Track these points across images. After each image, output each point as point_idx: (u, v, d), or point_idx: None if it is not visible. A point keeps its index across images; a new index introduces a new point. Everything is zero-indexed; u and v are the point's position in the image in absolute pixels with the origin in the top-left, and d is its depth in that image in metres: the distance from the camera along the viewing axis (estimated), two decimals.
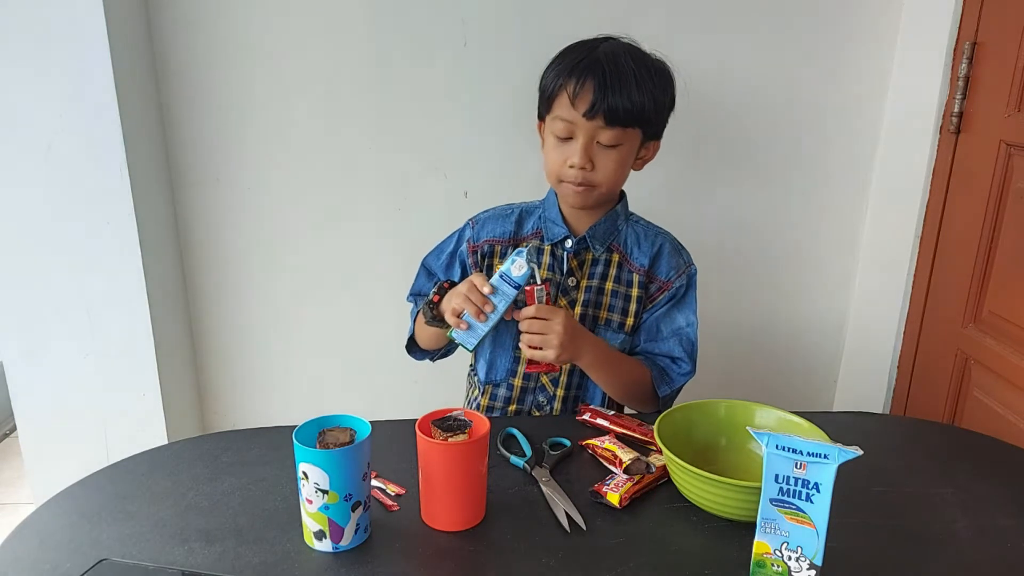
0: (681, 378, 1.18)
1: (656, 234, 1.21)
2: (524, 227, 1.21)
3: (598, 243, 1.17)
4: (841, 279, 1.83)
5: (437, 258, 1.26)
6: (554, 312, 1.04)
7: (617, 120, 1.06)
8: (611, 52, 1.08)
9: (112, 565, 0.77)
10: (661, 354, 1.19)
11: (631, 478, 0.90)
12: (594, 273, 1.18)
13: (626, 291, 1.18)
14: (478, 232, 1.22)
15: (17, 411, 1.67)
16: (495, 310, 1.03)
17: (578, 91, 1.06)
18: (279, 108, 1.63)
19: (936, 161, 1.56)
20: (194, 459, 0.98)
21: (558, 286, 1.18)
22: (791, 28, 1.63)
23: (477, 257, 1.21)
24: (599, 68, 1.05)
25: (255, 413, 1.85)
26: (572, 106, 1.06)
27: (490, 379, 1.22)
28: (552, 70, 1.11)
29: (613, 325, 1.18)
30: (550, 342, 1.04)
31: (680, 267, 1.20)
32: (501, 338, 1.20)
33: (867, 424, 1.18)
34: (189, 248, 1.72)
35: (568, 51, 1.12)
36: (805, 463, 0.72)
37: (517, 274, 1.02)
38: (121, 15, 1.46)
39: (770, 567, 0.75)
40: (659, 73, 1.10)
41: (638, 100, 1.05)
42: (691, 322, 1.20)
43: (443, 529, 0.84)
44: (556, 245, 1.18)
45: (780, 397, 1.86)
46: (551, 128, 1.11)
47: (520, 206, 1.23)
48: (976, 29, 1.45)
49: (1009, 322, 1.39)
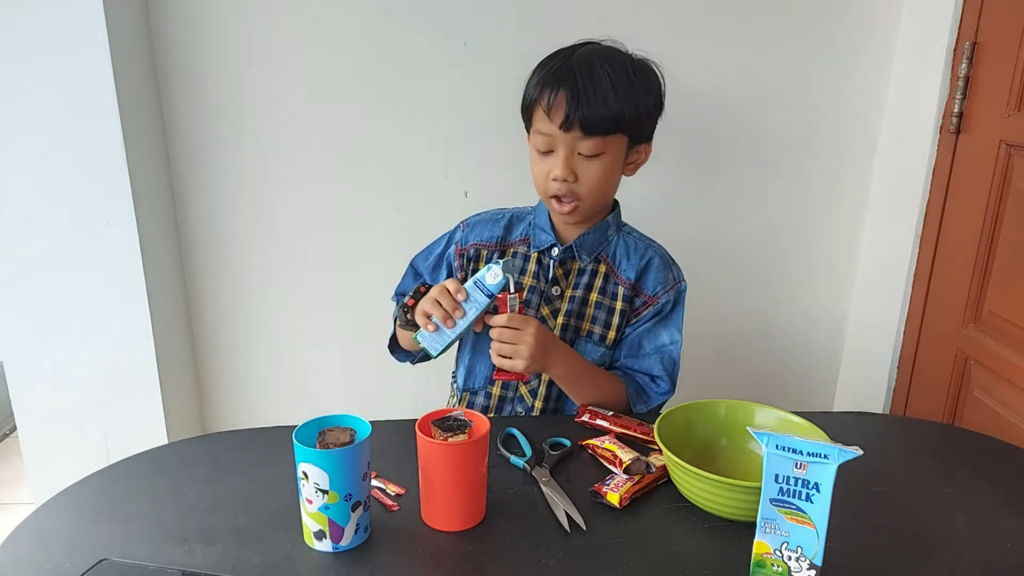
0: (659, 397, 1.16)
1: (647, 247, 1.19)
2: (513, 233, 1.20)
3: (585, 253, 1.16)
4: (841, 279, 1.83)
5: (425, 259, 1.24)
6: (526, 322, 1.03)
7: (595, 129, 1.03)
8: (585, 59, 1.05)
9: (112, 565, 0.77)
10: (640, 371, 1.17)
11: (631, 478, 0.90)
12: (579, 283, 1.16)
13: (610, 303, 1.16)
14: (467, 235, 1.20)
15: (17, 411, 1.67)
16: (464, 316, 1.01)
17: (552, 103, 1.04)
18: (279, 108, 1.63)
19: (936, 161, 1.55)
20: (194, 459, 0.98)
21: (542, 294, 1.16)
22: (791, 28, 1.63)
23: (463, 260, 1.20)
24: (571, 78, 1.03)
25: (255, 413, 1.85)
26: (548, 119, 1.05)
27: (468, 386, 1.21)
28: (530, 82, 1.10)
29: (594, 337, 1.17)
30: (520, 352, 1.03)
31: (669, 282, 1.17)
32: (481, 344, 1.18)
33: (867, 424, 1.18)
34: (189, 248, 1.72)
35: (545, 61, 1.10)
36: (805, 463, 0.72)
37: (491, 282, 1.00)
38: (121, 15, 1.46)
39: (770, 567, 0.75)
40: (640, 74, 1.07)
41: (615, 105, 1.03)
42: (675, 340, 1.17)
43: (443, 529, 0.84)
44: (543, 253, 1.17)
45: (780, 397, 1.86)
46: (533, 142, 1.10)
47: (512, 211, 1.22)
48: (976, 29, 1.45)
49: (1009, 322, 1.39)
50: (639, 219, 1.79)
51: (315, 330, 1.79)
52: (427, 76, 1.62)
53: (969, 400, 1.50)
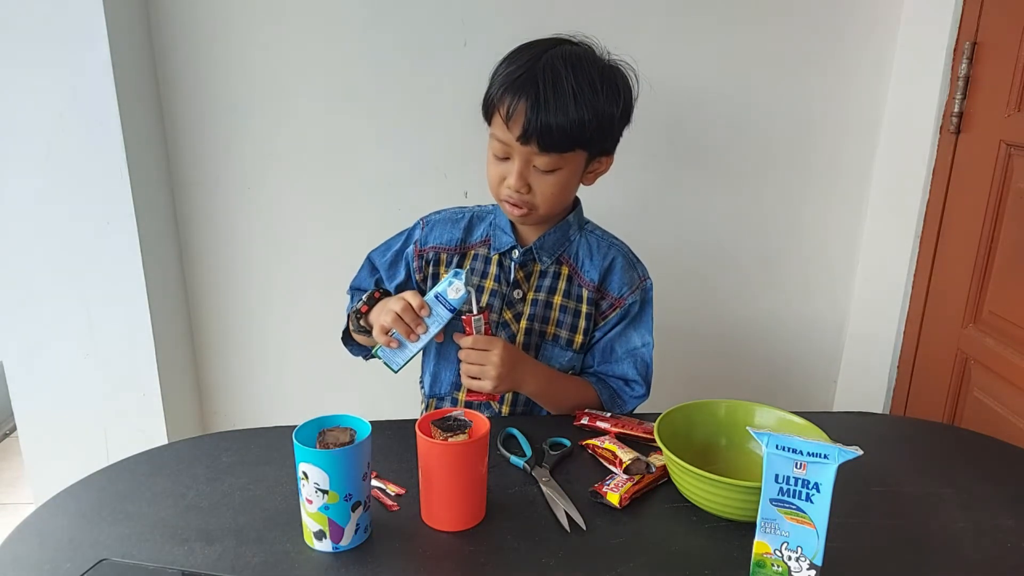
0: (634, 401, 1.15)
1: (609, 246, 1.16)
2: (474, 234, 1.16)
3: (546, 255, 1.13)
4: (841, 279, 1.83)
5: (382, 255, 1.21)
6: (492, 343, 1.02)
7: (552, 147, 1.00)
8: (551, 66, 0.99)
9: (112, 565, 0.77)
10: (614, 376, 1.15)
11: (631, 478, 0.90)
12: (541, 286, 1.14)
13: (575, 306, 1.14)
14: (426, 235, 1.17)
15: (17, 411, 1.67)
16: (427, 331, 0.99)
17: (512, 113, 0.99)
18: (279, 108, 1.63)
19: (936, 161, 1.55)
20: (194, 459, 0.98)
21: (503, 298, 1.14)
22: (791, 28, 1.63)
23: (422, 262, 1.17)
24: (533, 87, 0.97)
25: (255, 413, 1.85)
26: (506, 127, 1.00)
27: (434, 392, 1.19)
28: (498, 75, 1.04)
29: (561, 342, 1.14)
30: (487, 373, 1.02)
31: (634, 282, 1.14)
32: (446, 351, 1.16)
33: (867, 424, 1.18)
34: (189, 248, 1.72)
35: (515, 55, 1.04)
36: (805, 463, 0.72)
37: (453, 297, 0.98)
38: (121, 15, 1.46)
39: (770, 567, 0.75)
40: (607, 84, 1.01)
41: (576, 123, 0.98)
42: (647, 342, 1.15)
43: (443, 529, 0.84)
44: (503, 255, 1.14)
45: (780, 397, 1.87)
46: (489, 144, 1.06)
47: (472, 210, 1.19)
48: (976, 29, 1.45)
49: (1009, 322, 1.39)
50: (639, 219, 1.79)
51: (315, 330, 1.78)
52: (427, 76, 1.62)
53: (969, 400, 1.50)
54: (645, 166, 1.69)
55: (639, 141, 1.21)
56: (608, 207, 1.30)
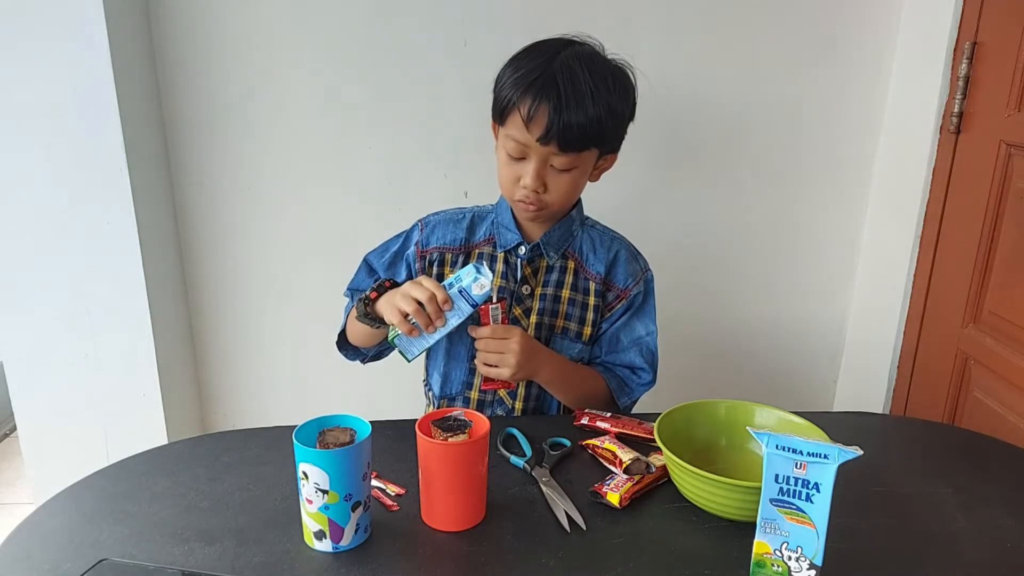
0: (641, 388, 1.17)
1: (612, 240, 1.18)
2: (476, 233, 1.17)
3: (552, 250, 1.14)
4: (841, 279, 1.83)
5: (380, 256, 1.21)
6: (510, 331, 1.03)
7: (571, 147, 1.02)
8: (568, 66, 1.00)
9: (112, 565, 0.77)
10: (621, 364, 1.17)
11: (631, 478, 0.90)
12: (549, 281, 1.15)
13: (583, 299, 1.16)
14: (427, 236, 1.18)
15: (17, 411, 1.67)
16: (446, 324, 0.99)
17: (532, 114, 1.00)
18: (279, 108, 1.63)
19: (936, 161, 1.55)
20: (194, 459, 0.98)
21: (512, 294, 1.15)
22: (792, 28, 1.63)
23: (425, 263, 1.17)
24: (554, 88, 0.99)
25: (255, 413, 1.85)
26: (526, 129, 1.01)
27: (445, 393, 1.19)
28: (509, 76, 1.04)
29: (570, 334, 1.16)
30: (506, 361, 1.03)
31: (637, 274, 1.17)
32: (456, 350, 1.17)
33: (867, 424, 1.18)
34: (189, 248, 1.72)
35: (525, 56, 1.05)
36: (805, 463, 0.72)
37: (478, 293, 0.98)
38: (121, 15, 1.46)
39: (770, 567, 0.75)
40: (618, 82, 1.04)
41: (594, 119, 1.00)
42: (651, 331, 1.18)
43: (443, 529, 0.84)
44: (509, 252, 1.15)
45: (780, 397, 1.87)
46: (504, 145, 1.07)
47: (473, 210, 1.20)
48: (976, 29, 1.45)
49: (1009, 322, 1.39)
50: (639, 219, 1.79)
51: (315, 330, 1.78)
52: (427, 76, 1.62)
53: (969, 400, 1.50)
54: (645, 167, 1.69)
55: (638, 141, 1.22)
56: (607, 208, 1.30)
